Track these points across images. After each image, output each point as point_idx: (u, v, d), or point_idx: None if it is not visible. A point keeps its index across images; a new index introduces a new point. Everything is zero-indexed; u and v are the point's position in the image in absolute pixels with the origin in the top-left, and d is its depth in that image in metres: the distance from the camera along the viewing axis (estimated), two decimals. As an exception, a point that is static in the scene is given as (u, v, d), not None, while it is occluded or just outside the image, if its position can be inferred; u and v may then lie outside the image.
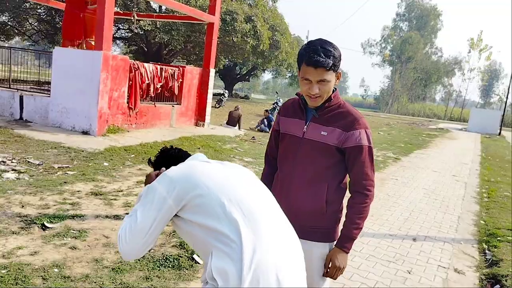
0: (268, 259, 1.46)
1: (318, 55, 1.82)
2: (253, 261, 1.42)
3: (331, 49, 1.84)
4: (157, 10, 22.22)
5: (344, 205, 2.05)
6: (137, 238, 1.53)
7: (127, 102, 9.25)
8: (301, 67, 1.89)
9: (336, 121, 1.95)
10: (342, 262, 1.97)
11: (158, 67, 10.30)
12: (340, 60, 1.88)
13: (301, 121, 2.03)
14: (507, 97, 31.24)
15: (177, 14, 15.78)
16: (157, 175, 1.79)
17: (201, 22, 13.54)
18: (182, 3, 16.81)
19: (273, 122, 15.02)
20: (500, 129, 27.83)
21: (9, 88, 10.03)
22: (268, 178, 2.23)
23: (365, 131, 1.95)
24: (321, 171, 1.98)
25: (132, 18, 11.61)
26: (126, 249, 1.55)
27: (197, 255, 3.57)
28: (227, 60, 30.68)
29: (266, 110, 16.43)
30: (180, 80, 11.05)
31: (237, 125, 13.86)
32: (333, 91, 1.97)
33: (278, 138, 2.16)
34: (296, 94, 2.11)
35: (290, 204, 1.99)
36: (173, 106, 10.97)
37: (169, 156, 1.83)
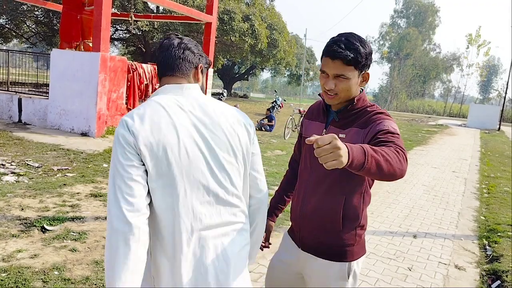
0: (208, 262, 1.43)
1: (338, 45, 1.62)
2: (188, 262, 1.42)
3: (356, 43, 1.63)
4: (155, 11, 22.20)
5: (366, 220, 1.85)
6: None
7: (126, 103, 9.25)
8: (321, 58, 1.71)
9: (355, 122, 1.71)
10: (343, 153, 1.23)
11: (156, 67, 10.30)
12: (367, 58, 1.65)
13: (321, 124, 1.84)
14: (506, 92, 31.24)
15: (174, 14, 15.78)
16: None
17: (199, 22, 13.52)
18: (180, 3, 16.80)
19: (273, 121, 15.07)
20: (500, 125, 27.84)
21: (8, 91, 10.04)
22: (288, 182, 2.10)
23: (388, 121, 1.65)
24: (338, 181, 1.74)
25: (130, 19, 11.60)
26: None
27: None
28: (225, 59, 30.68)
29: (268, 109, 16.60)
30: (179, 80, 11.04)
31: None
32: (360, 92, 1.76)
33: (301, 142, 1.99)
34: (319, 95, 1.92)
35: (305, 217, 1.83)
36: (172, 106, 10.95)
37: (160, 62, 1.53)
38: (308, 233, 1.82)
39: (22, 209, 4.34)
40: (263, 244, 2.04)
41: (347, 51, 1.61)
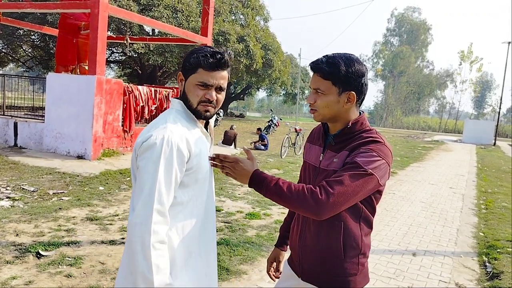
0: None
1: (320, 60, 1.63)
2: None
3: (340, 60, 1.60)
4: (150, 33, 22.44)
5: (369, 248, 1.78)
6: None
7: (122, 125, 9.26)
8: None
9: (348, 146, 1.66)
10: (242, 172, 1.62)
11: (152, 89, 10.34)
12: (349, 77, 1.60)
13: (319, 148, 1.79)
14: (500, 108, 31.58)
15: (170, 37, 15.94)
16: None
17: (194, 43, 13.66)
18: (175, 25, 17.02)
19: (266, 140, 15.02)
20: (495, 140, 28.02)
21: (3, 115, 10.04)
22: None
23: (372, 153, 1.57)
24: None
25: (125, 42, 11.71)
26: None
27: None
28: (221, 79, 30.85)
29: (259, 129, 16.48)
30: (175, 101, 11.08)
31: (233, 144, 13.87)
32: (360, 115, 1.71)
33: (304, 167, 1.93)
34: None
35: (304, 246, 1.77)
36: (168, 127, 10.95)
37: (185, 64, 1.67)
38: (308, 262, 1.75)
39: (17, 234, 4.29)
40: (274, 275, 2.01)
41: (325, 65, 1.61)
